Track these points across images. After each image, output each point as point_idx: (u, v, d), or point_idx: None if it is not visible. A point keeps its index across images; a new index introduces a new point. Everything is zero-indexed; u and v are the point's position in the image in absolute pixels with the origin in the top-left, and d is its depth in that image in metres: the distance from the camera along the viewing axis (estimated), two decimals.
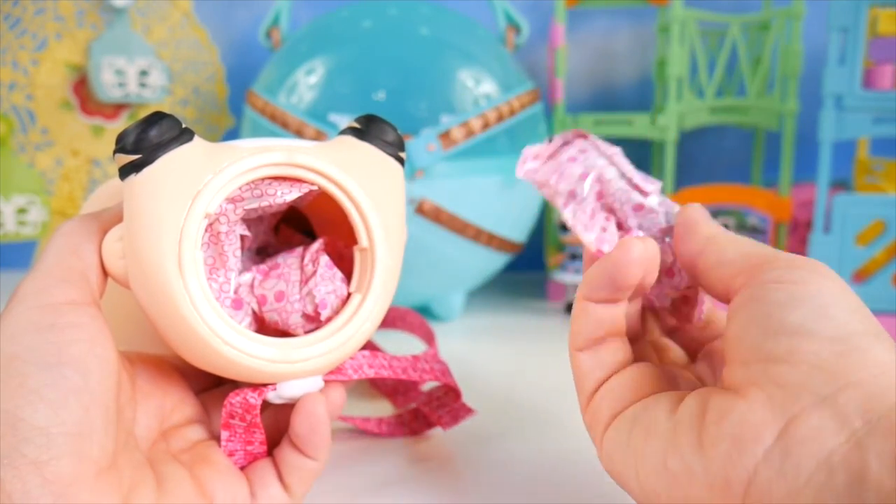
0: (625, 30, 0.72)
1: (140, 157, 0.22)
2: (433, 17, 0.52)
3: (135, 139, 0.22)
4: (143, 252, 0.22)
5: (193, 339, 0.23)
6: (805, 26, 0.57)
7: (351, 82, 0.48)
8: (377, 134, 0.27)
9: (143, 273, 0.22)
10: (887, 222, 0.48)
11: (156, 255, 0.22)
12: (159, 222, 0.22)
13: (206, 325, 0.23)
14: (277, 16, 0.58)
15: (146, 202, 0.22)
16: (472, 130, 0.48)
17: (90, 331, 0.21)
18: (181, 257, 0.22)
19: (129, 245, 0.23)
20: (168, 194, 0.22)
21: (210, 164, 0.23)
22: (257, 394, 0.25)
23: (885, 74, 0.47)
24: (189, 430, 0.26)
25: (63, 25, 0.64)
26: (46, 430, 0.19)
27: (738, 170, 0.72)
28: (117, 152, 0.23)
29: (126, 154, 0.22)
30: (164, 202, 0.22)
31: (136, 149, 0.22)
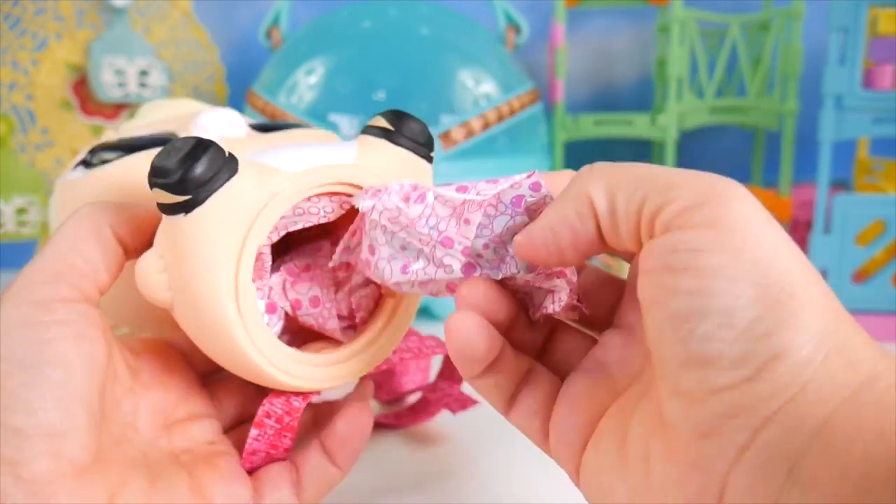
0: (625, 30, 0.72)
1: (189, 198, 0.21)
2: (433, 17, 0.52)
3: (181, 178, 0.20)
4: (198, 291, 0.22)
5: (249, 368, 0.23)
6: (805, 26, 0.57)
7: (351, 82, 0.48)
8: (409, 135, 0.26)
9: (197, 309, 0.22)
10: (887, 222, 0.48)
11: (212, 293, 0.22)
12: (215, 262, 0.21)
13: (264, 356, 0.23)
14: (277, 16, 0.58)
15: (198, 243, 0.21)
16: (472, 130, 0.48)
17: (78, 327, 0.21)
18: (238, 293, 0.22)
19: (178, 280, 0.22)
20: (222, 234, 0.22)
21: (260, 195, 0.22)
22: (302, 398, 0.25)
23: (885, 74, 0.47)
24: (194, 427, 0.25)
25: (63, 25, 0.64)
26: (23, 431, 0.19)
27: (738, 170, 0.72)
28: (158, 187, 0.21)
29: (171, 193, 0.21)
30: (218, 242, 0.22)
31: (182, 189, 0.21)
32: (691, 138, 0.70)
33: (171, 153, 0.21)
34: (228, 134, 0.28)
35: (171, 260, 0.22)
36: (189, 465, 0.24)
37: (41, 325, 0.20)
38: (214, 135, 0.27)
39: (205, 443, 0.25)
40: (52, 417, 0.19)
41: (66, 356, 0.20)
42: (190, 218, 0.21)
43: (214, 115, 0.28)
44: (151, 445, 0.24)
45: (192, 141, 0.21)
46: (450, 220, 0.22)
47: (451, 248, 0.22)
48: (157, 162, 0.21)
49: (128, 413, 0.23)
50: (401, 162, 0.25)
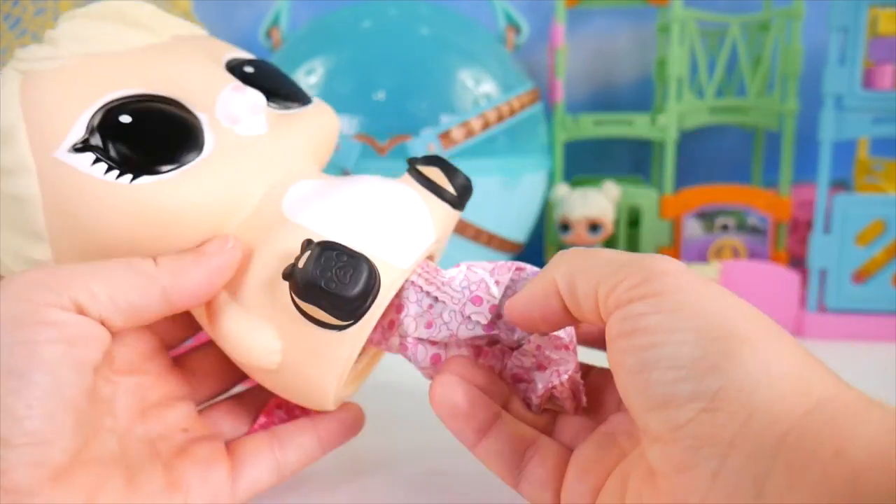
0: (625, 30, 0.72)
1: (352, 322, 0.23)
2: (433, 17, 0.52)
3: (352, 311, 0.22)
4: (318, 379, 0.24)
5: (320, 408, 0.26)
6: (805, 26, 0.57)
7: (351, 82, 0.48)
8: (461, 193, 0.27)
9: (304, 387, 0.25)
10: (887, 222, 0.48)
11: (325, 381, 0.24)
12: (341, 364, 0.24)
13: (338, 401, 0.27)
14: (277, 16, 0.58)
15: (336, 350, 0.24)
16: (472, 130, 0.48)
17: (69, 332, 0.21)
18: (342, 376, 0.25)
19: (294, 364, 0.24)
20: (358, 343, 0.24)
21: (383, 300, 0.24)
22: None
23: (885, 74, 0.47)
24: (169, 413, 0.25)
25: None
26: (8, 440, 0.19)
27: (738, 170, 0.72)
28: (320, 308, 0.22)
29: (336, 318, 0.22)
30: (353, 349, 0.24)
31: (352, 317, 0.22)
32: (691, 138, 0.70)
33: (335, 275, 0.21)
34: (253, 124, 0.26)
35: (294, 350, 0.23)
36: (165, 456, 0.24)
37: (35, 325, 0.20)
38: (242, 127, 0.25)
39: (180, 429, 0.25)
40: (37, 426, 0.19)
41: (55, 362, 0.20)
42: (341, 333, 0.23)
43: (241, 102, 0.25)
44: (128, 433, 0.24)
45: (358, 271, 0.22)
46: (480, 283, 0.25)
47: (480, 305, 0.25)
48: (326, 284, 0.21)
49: (105, 400, 0.23)
50: (450, 221, 0.27)
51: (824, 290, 0.50)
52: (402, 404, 0.38)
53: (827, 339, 0.49)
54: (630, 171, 0.74)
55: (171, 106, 0.24)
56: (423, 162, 0.27)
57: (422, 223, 0.25)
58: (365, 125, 0.47)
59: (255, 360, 0.23)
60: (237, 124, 0.25)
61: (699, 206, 0.58)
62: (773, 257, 0.58)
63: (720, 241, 0.58)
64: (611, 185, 0.56)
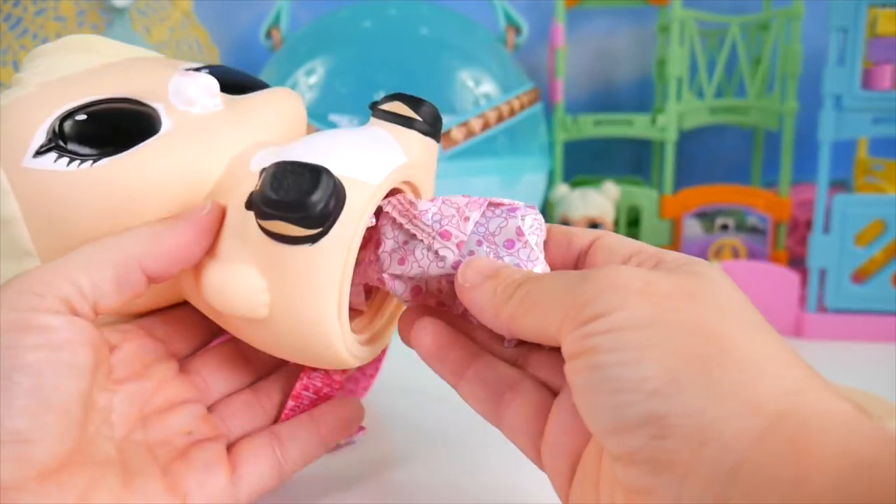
0: (625, 30, 0.72)
1: (320, 230, 0.22)
2: (433, 17, 0.52)
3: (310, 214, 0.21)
4: (307, 312, 0.23)
5: (333, 362, 0.25)
6: (805, 26, 0.57)
7: (351, 82, 0.48)
8: (429, 121, 0.27)
9: (299, 325, 0.23)
10: (887, 222, 0.48)
11: (320, 310, 0.23)
12: (329, 282, 0.23)
13: (349, 351, 0.25)
14: (277, 16, 0.58)
15: (318, 269, 0.22)
16: (472, 130, 0.48)
17: (58, 337, 0.20)
18: (340, 305, 0.24)
19: (285, 303, 0.23)
20: (336, 256, 0.23)
21: (358, 213, 0.23)
22: (341, 371, 0.28)
23: (885, 74, 0.47)
24: (171, 417, 0.25)
25: (63, 25, 0.64)
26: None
27: (737, 170, 0.73)
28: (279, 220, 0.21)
29: (300, 227, 0.21)
30: (334, 265, 0.23)
31: (313, 223, 0.21)
32: (691, 138, 0.70)
33: (288, 183, 0.21)
34: (209, 104, 0.26)
35: (279, 283, 0.23)
36: (164, 461, 0.24)
37: (22, 331, 0.20)
38: (198, 107, 0.26)
39: (182, 433, 0.25)
40: (17, 424, 0.19)
41: (39, 365, 0.20)
42: (314, 248, 0.22)
43: (195, 86, 0.26)
44: (126, 440, 0.23)
45: (309, 172, 0.21)
46: (452, 217, 0.24)
47: (449, 240, 0.24)
48: (276, 194, 0.21)
49: (102, 409, 0.23)
50: (426, 149, 0.27)
51: (824, 290, 0.50)
52: (401, 404, 0.38)
53: (826, 339, 0.49)
54: (630, 171, 0.74)
55: (125, 103, 0.25)
56: (384, 100, 0.27)
57: (388, 147, 0.25)
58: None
59: (245, 305, 0.23)
60: (193, 106, 0.26)
61: (699, 206, 0.58)
62: (773, 257, 0.58)
63: (720, 241, 0.58)
64: (610, 185, 0.56)
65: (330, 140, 0.25)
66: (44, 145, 0.24)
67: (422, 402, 0.38)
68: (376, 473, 0.31)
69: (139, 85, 0.26)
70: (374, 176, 0.24)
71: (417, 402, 0.38)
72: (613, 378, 0.18)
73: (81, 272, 0.22)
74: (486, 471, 0.31)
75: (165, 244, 0.23)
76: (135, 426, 0.24)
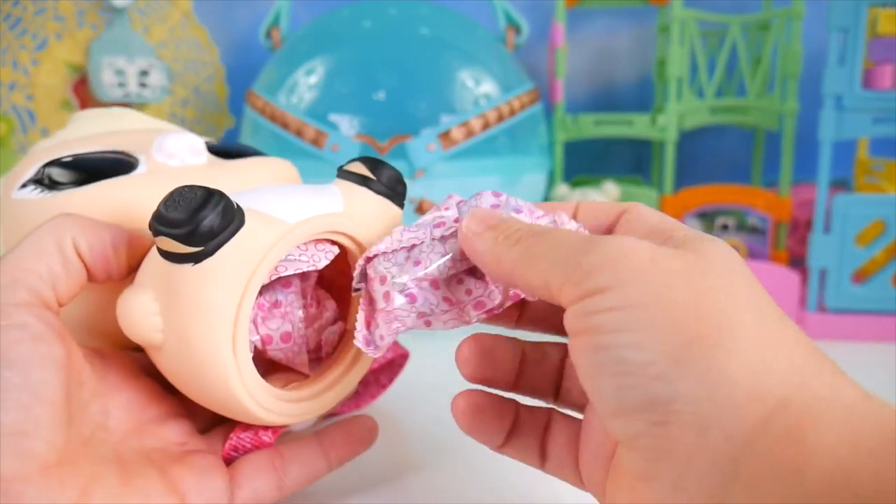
0: (625, 30, 0.72)
1: (201, 249, 0.21)
2: (433, 17, 0.52)
3: (194, 230, 0.21)
4: (197, 336, 0.22)
5: (234, 406, 0.24)
6: (805, 26, 0.57)
7: (351, 82, 0.48)
8: (387, 183, 0.27)
9: (192, 354, 0.22)
10: (887, 222, 0.48)
11: (211, 339, 0.22)
12: (218, 311, 0.22)
13: (251, 397, 0.24)
14: (277, 16, 0.58)
15: (204, 292, 0.22)
16: (472, 130, 0.48)
17: (35, 330, 0.21)
18: (235, 340, 0.23)
19: (174, 326, 0.22)
20: (226, 283, 0.22)
21: (263, 245, 0.23)
22: (272, 432, 0.26)
23: (885, 74, 0.47)
24: (165, 428, 0.25)
25: (63, 25, 0.64)
26: None
27: (738, 170, 0.72)
28: (165, 237, 0.21)
29: (180, 244, 0.21)
30: (223, 291, 0.22)
31: (194, 241, 0.21)
32: (691, 138, 0.70)
33: (181, 202, 0.21)
34: (191, 160, 0.28)
35: (168, 304, 0.22)
36: (161, 463, 0.24)
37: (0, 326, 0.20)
38: (178, 160, 0.28)
39: (176, 443, 0.25)
40: (13, 417, 0.19)
41: (24, 359, 0.20)
42: (198, 268, 0.22)
43: (178, 141, 0.28)
44: (123, 444, 0.24)
45: (201, 192, 0.21)
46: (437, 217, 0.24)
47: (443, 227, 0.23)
48: (167, 212, 0.21)
49: (97, 414, 0.23)
50: (378, 208, 0.27)
51: (824, 290, 0.50)
52: (406, 409, 0.38)
53: (827, 339, 0.49)
54: (630, 171, 0.74)
55: (112, 153, 0.28)
56: (349, 162, 0.27)
57: (326, 197, 0.25)
58: (365, 125, 0.47)
59: (139, 328, 0.22)
60: (173, 159, 0.28)
61: (699, 206, 0.58)
62: (773, 257, 0.58)
63: None
64: (610, 185, 0.56)
65: (275, 187, 0.25)
66: (28, 180, 0.27)
67: (433, 407, 0.38)
68: (389, 479, 0.31)
69: (133, 142, 0.29)
70: (291, 216, 0.24)
71: (427, 407, 0.37)
72: (616, 360, 0.17)
73: (34, 260, 0.22)
74: (496, 475, 0.31)
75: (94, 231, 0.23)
76: (130, 433, 0.24)
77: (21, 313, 0.21)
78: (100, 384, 0.24)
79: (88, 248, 0.23)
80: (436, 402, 0.38)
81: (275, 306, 0.26)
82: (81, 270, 0.23)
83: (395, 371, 0.37)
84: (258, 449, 0.26)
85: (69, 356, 0.22)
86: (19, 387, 0.20)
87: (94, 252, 0.23)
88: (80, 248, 0.23)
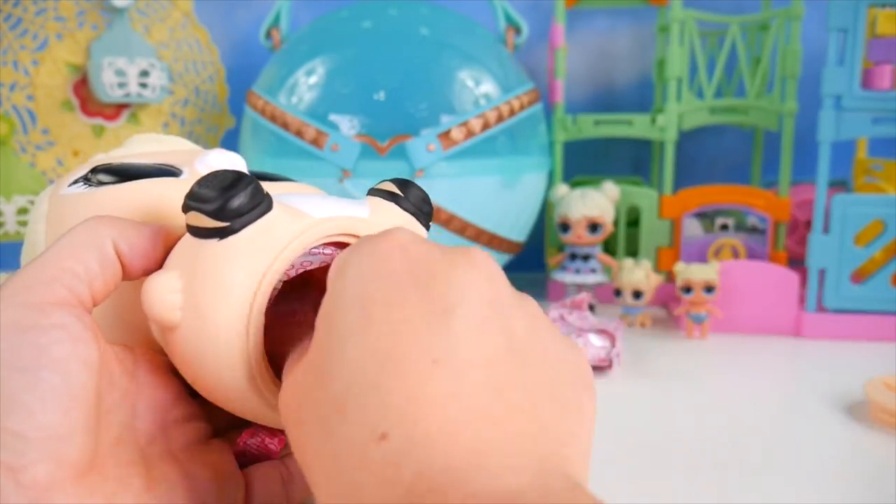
0: (625, 30, 0.72)
1: (227, 225, 0.22)
2: (433, 17, 0.52)
3: (221, 206, 0.22)
4: (213, 315, 0.23)
5: (242, 397, 0.24)
6: (804, 26, 0.57)
7: (351, 82, 0.49)
8: (414, 202, 0.28)
9: (207, 333, 0.23)
10: (886, 222, 0.48)
11: (226, 319, 0.23)
12: (236, 289, 0.23)
13: (259, 388, 0.24)
14: (278, 16, 0.58)
15: (225, 269, 0.22)
16: (472, 130, 0.48)
17: (74, 331, 0.21)
18: (249, 324, 0.23)
19: (193, 302, 0.23)
20: (249, 263, 0.23)
21: (288, 233, 0.23)
22: (277, 440, 0.26)
23: (884, 75, 0.47)
24: (189, 428, 0.25)
25: (64, 25, 0.64)
26: (23, 434, 0.19)
27: (737, 170, 0.73)
28: (195, 211, 0.22)
29: (209, 218, 0.22)
30: (244, 271, 0.23)
31: (222, 216, 0.22)
32: (691, 138, 0.71)
33: (213, 181, 0.22)
34: None
35: (189, 281, 0.23)
36: (186, 464, 0.24)
37: (38, 328, 0.20)
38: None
39: (200, 442, 0.25)
40: (51, 420, 0.19)
41: (64, 360, 0.20)
42: (223, 244, 0.22)
43: (221, 156, 0.29)
44: (149, 447, 0.24)
45: (233, 173, 0.23)
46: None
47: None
48: (199, 188, 0.22)
49: (125, 414, 0.23)
50: (403, 223, 0.27)
51: (823, 290, 0.50)
52: None
53: (826, 338, 0.49)
54: (630, 171, 0.74)
55: (158, 164, 0.29)
56: (381, 181, 0.28)
57: (354, 203, 0.26)
58: (365, 125, 0.47)
59: (158, 306, 0.22)
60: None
61: (699, 206, 0.58)
62: (773, 257, 0.58)
63: (719, 241, 0.58)
64: (610, 185, 0.56)
65: (306, 194, 0.26)
66: (77, 179, 0.28)
67: None
68: None
69: (179, 158, 0.30)
70: (318, 212, 0.25)
71: None
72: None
73: (71, 259, 0.22)
74: None
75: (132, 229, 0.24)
76: (156, 435, 0.24)
77: (62, 313, 0.21)
78: (130, 383, 0.24)
79: (129, 245, 0.23)
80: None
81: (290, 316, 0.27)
82: (118, 269, 0.23)
83: None
84: (264, 457, 0.26)
85: (102, 358, 0.22)
86: (58, 389, 0.20)
87: (135, 249, 0.23)
88: (120, 246, 0.23)
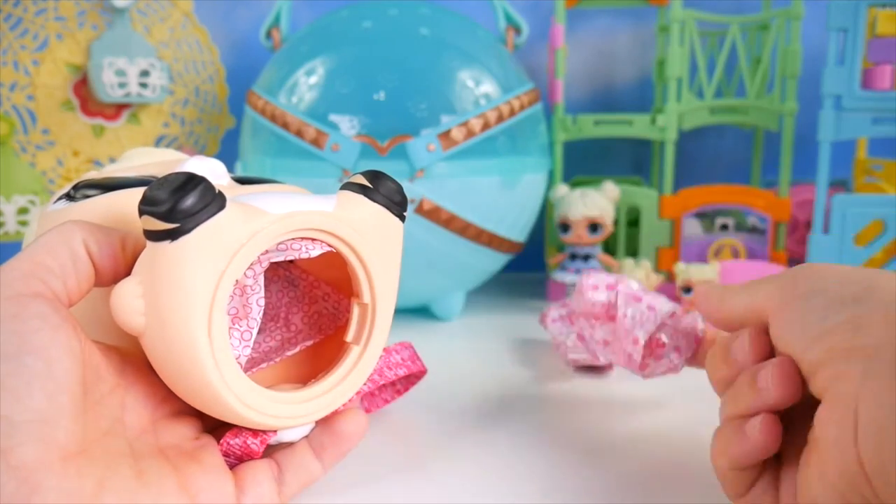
0: (625, 30, 0.72)
1: (177, 226, 0.22)
2: (433, 17, 0.52)
3: (170, 208, 0.22)
4: (172, 315, 0.22)
5: (213, 400, 0.24)
6: (805, 26, 0.57)
7: (351, 82, 0.49)
8: (385, 193, 0.27)
9: (168, 335, 0.23)
10: (886, 222, 0.48)
11: (185, 319, 0.22)
12: (192, 290, 0.22)
13: (229, 388, 0.24)
14: (278, 16, 0.58)
15: (179, 270, 0.22)
16: (472, 130, 0.48)
17: (52, 321, 0.21)
18: (211, 325, 0.23)
19: (153, 306, 0.23)
20: (203, 264, 0.22)
21: (243, 232, 0.23)
22: (259, 441, 0.26)
23: (884, 75, 0.47)
24: (179, 424, 0.26)
25: (64, 25, 0.64)
26: (10, 418, 0.19)
27: (737, 170, 0.73)
28: (148, 215, 0.22)
29: (159, 220, 0.22)
30: (199, 271, 0.22)
31: (171, 218, 0.22)
32: (691, 138, 0.71)
33: (163, 184, 0.22)
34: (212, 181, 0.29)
35: (149, 285, 0.23)
36: (175, 460, 0.24)
37: (17, 318, 0.21)
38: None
39: (190, 438, 0.26)
40: (38, 403, 0.20)
41: (46, 347, 0.21)
42: (175, 245, 0.22)
43: (200, 163, 0.29)
44: (138, 440, 0.24)
45: (184, 175, 0.22)
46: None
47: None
48: (150, 191, 0.22)
49: (115, 407, 0.24)
50: (376, 217, 0.27)
51: None
52: (416, 418, 0.38)
53: None
54: (630, 171, 0.74)
55: (141, 177, 0.29)
56: (353, 174, 0.28)
57: (319, 198, 0.26)
58: (365, 125, 0.47)
59: (122, 312, 0.23)
60: None
61: (699, 206, 0.58)
62: (773, 257, 0.58)
63: (720, 241, 0.58)
64: (610, 185, 0.56)
65: (270, 192, 0.26)
66: (61, 197, 0.29)
67: (437, 417, 0.38)
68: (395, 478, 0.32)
69: (162, 168, 0.31)
70: (276, 209, 0.24)
71: (433, 416, 0.38)
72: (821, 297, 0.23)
73: (45, 255, 0.23)
74: (491, 488, 0.32)
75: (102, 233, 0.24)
76: (146, 428, 0.25)
77: (39, 303, 0.21)
78: (119, 378, 0.24)
79: (97, 246, 0.24)
80: (440, 403, 0.38)
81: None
82: (90, 268, 0.24)
83: (412, 381, 0.37)
84: (247, 457, 0.27)
85: (85, 349, 0.22)
86: (42, 374, 0.20)
87: (103, 251, 0.24)
88: (90, 246, 0.24)
